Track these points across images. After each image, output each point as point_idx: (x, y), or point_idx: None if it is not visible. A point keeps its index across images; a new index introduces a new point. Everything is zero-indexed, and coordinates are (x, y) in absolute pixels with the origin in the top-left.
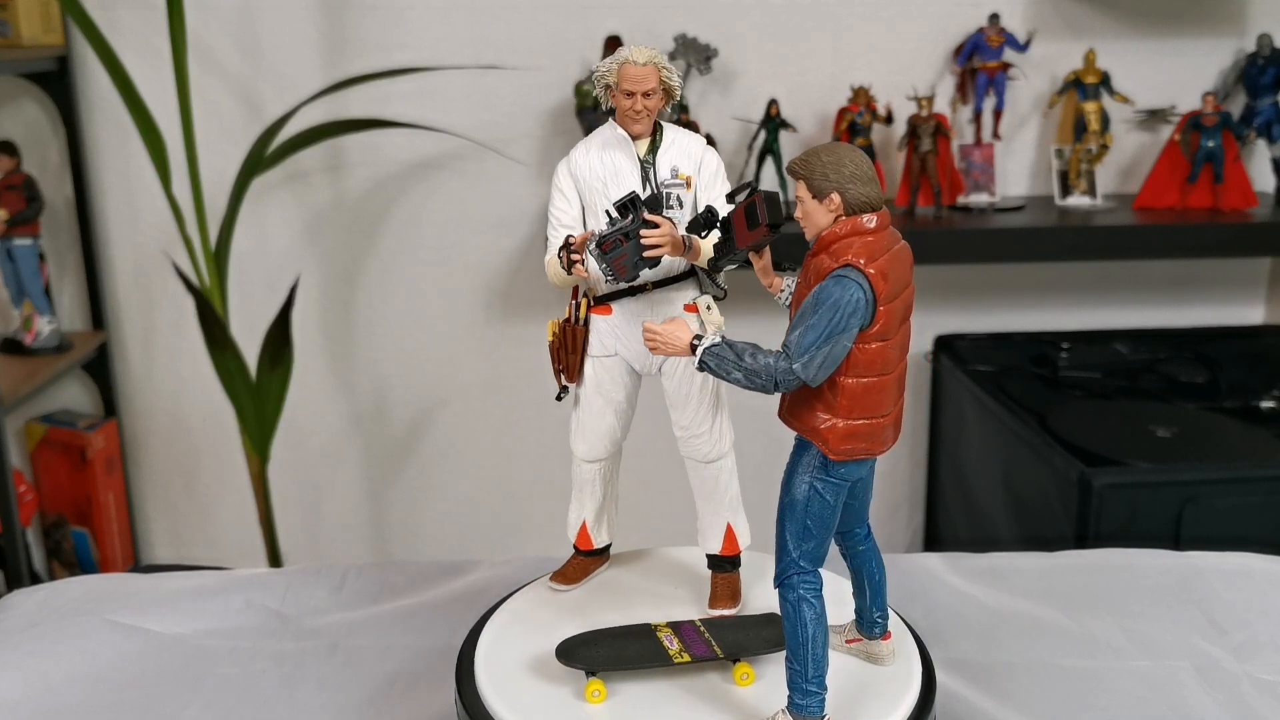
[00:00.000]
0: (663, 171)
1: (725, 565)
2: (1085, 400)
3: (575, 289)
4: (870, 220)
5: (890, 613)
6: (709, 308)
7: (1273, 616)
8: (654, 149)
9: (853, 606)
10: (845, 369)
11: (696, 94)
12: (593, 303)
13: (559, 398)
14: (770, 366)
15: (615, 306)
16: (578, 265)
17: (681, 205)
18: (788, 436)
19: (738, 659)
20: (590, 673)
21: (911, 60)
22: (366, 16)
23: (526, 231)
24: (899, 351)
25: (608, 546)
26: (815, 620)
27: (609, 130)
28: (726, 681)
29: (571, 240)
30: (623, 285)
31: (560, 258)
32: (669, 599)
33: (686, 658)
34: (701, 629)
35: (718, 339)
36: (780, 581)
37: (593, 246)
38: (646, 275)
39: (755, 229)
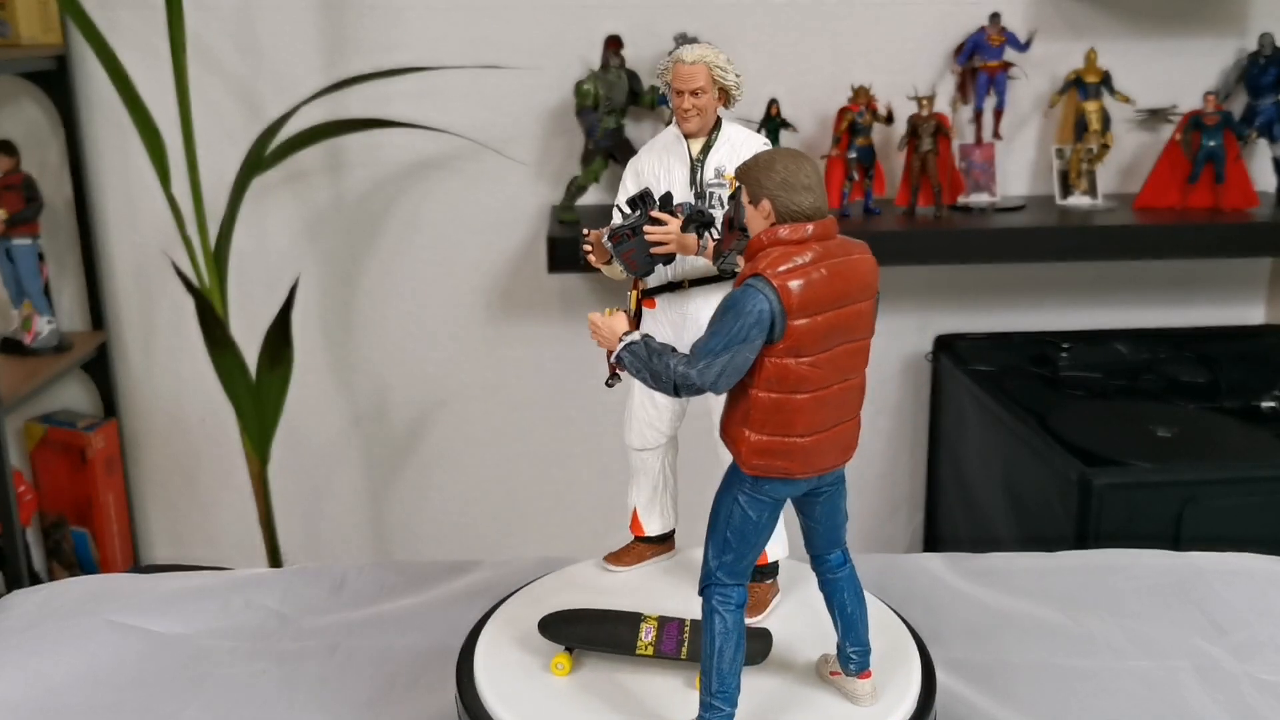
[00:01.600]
0: (709, 171)
1: (755, 574)
2: (1085, 400)
3: (635, 280)
4: (797, 230)
5: (871, 646)
6: None
7: (1273, 616)
8: (708, 148)
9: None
10: (757, 381)
11: None
12: (641, 296)
13: (608, 384)
14: (671, 369)
15: (658, 301)
16: (589, 257)
17: (723, 205)
18: None
19: None
20: (569, 649)
21: (911, 60)
22: (366, 16)
23: (526, 231)
24: (831, 372)
25: (666, 535)
26: (724, 634)
27: (671, 128)
28: (690, 684)
29: (586, 233)
30: (666, 279)
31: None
32: (692, 598)
33: (650, 652)
34: (686, 629)
35: (637, 337)
36: (700, 590)
37: (606, 240)
38: (683, 271)
39: (732, 231)
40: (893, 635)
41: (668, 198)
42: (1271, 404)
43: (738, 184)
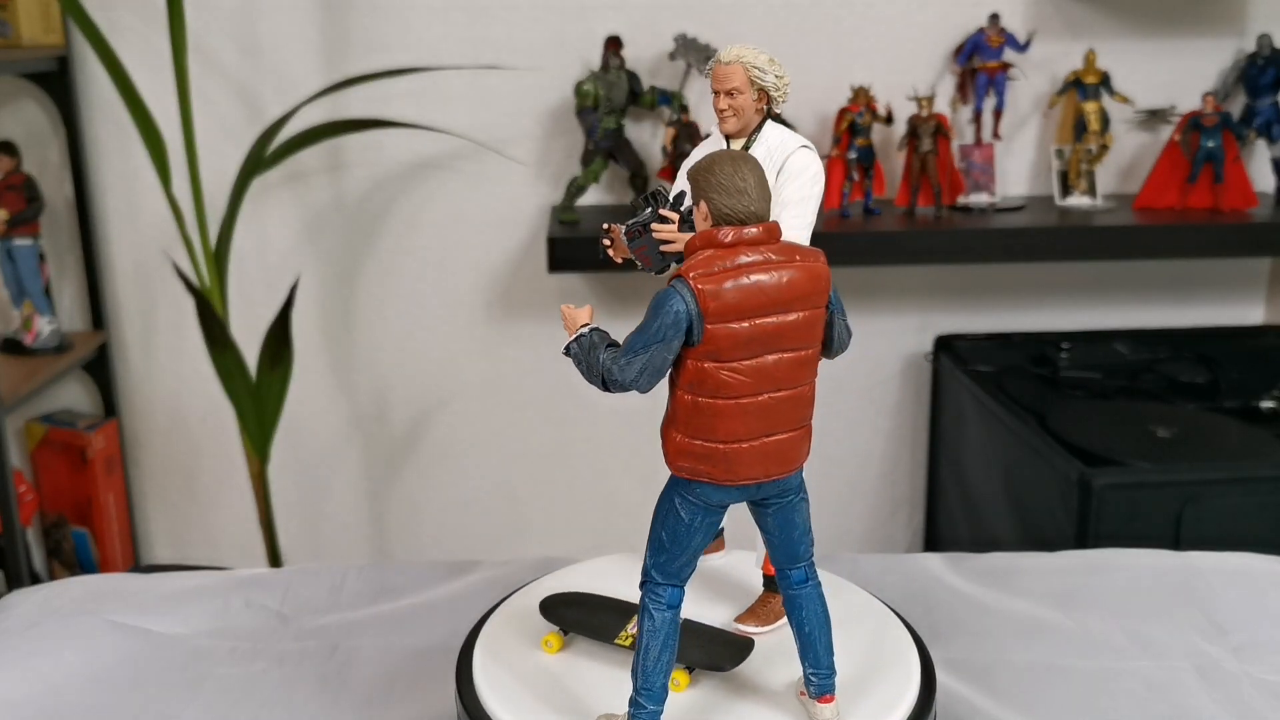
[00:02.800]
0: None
1: (770, 584)
2: (1085, 400)
3: None
4: (728, 234)
5: (835, 670)
6: None
7: (1273, 616)
8: (746, 149)
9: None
10: (681, 382)
11: (697, 94)
12: None
13: None
14: (600, 362)
15: None
16: (609, 251)
17: None
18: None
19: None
20: (565, 631)
21: (911, 60)
22: (366, 16)
23: (526, 231)
24: (760, 381)
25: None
26: (651, 633)
27: (717, 129)
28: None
29: (607, 227)
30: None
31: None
32: (713, 599)
33: (629, 643)
34: None
35: (585, 331)
36: (640, 585)
37: (623, 235)
38: None
39: None
40: (893, 635)
41: (680, 196)
42: (1271, 404)
43: None
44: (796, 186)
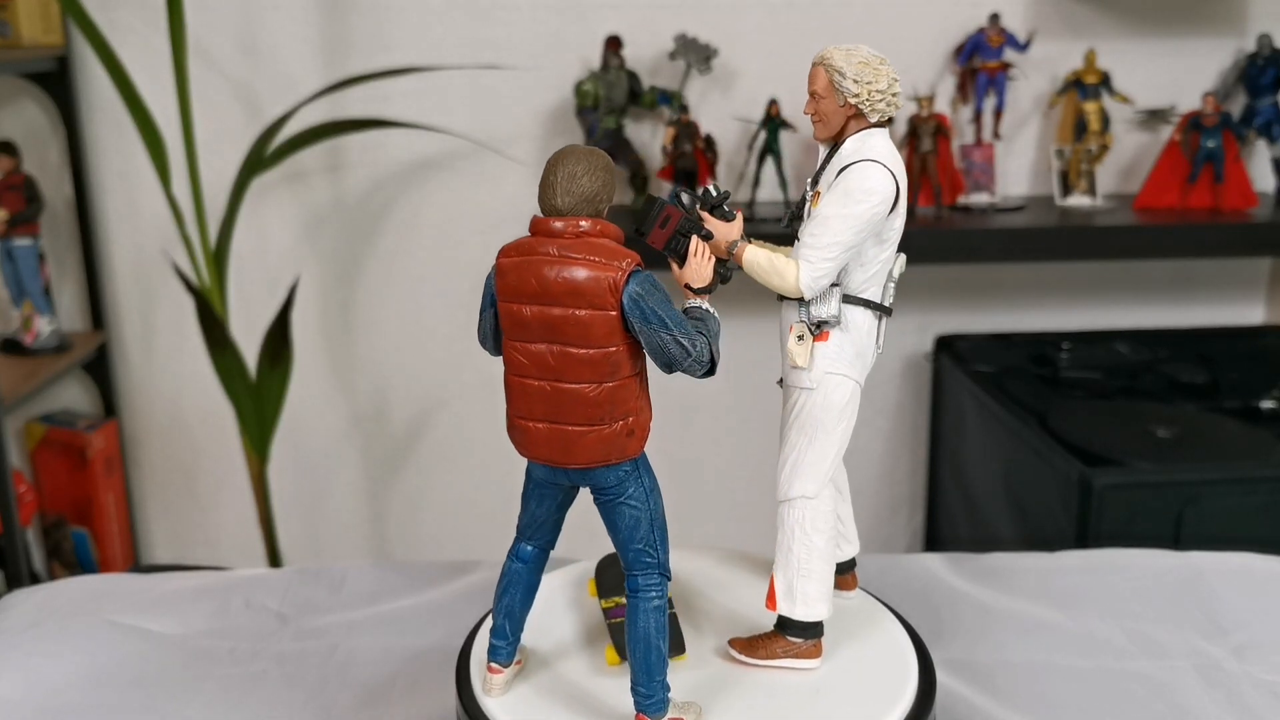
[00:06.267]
0: (821, 181)
1: (780, 624)
2: (1085, 400)
3: None
4: (536, 224)
5: (653, 694)
6: (801, 338)
7: (1273, 616)
8: (829, 159)
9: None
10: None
11: (697, 94)
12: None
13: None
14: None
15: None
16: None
17: (801, 219)
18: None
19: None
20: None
21: (911, 60)
22: (366, 16)
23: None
24: (535, 367)
25: (844, 565)
26: (500, 576)
27: None
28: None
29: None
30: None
31: None
32: (733, 616)
33: (610, 606)
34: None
35: None
36: None
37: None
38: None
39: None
40: (892, 635)
41: (707, 194)
42: (1271, 404)
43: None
44: (827, 201)
